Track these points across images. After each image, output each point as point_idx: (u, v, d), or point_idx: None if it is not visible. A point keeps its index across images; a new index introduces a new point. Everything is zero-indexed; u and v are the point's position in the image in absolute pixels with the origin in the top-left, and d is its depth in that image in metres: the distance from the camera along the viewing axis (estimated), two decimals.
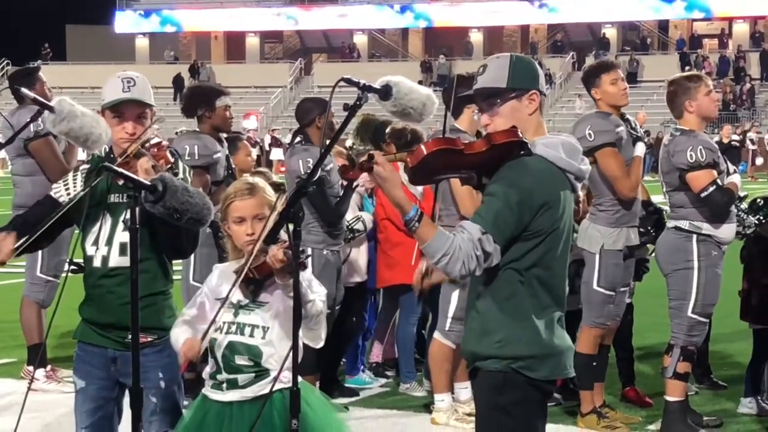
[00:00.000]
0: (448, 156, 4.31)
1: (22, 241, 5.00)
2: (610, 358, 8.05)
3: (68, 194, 5.06)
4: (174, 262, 5.18)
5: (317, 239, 7.83)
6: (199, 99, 8.19)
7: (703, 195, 7.25)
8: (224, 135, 8.38)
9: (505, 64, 4.48)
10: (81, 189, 5.04)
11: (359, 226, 8.49)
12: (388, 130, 8.79)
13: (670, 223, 7.52)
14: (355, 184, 8.02)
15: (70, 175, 5.14)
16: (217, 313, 4.68)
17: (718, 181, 7.29)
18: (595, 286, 7.55)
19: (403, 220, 4.26)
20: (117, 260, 4.98)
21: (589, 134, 7.38)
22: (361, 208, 8.72)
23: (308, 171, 7.59)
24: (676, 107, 7.47)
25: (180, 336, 4.78)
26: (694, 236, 7.35)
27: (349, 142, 10.26)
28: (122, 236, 4.93)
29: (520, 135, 4.35)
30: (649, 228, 7.83)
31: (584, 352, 7.55)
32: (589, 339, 7.62)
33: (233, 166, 8.31)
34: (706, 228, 7.34)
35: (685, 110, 7.42)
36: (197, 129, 8.23)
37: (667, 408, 7.49)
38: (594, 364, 7.63)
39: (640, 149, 7.55)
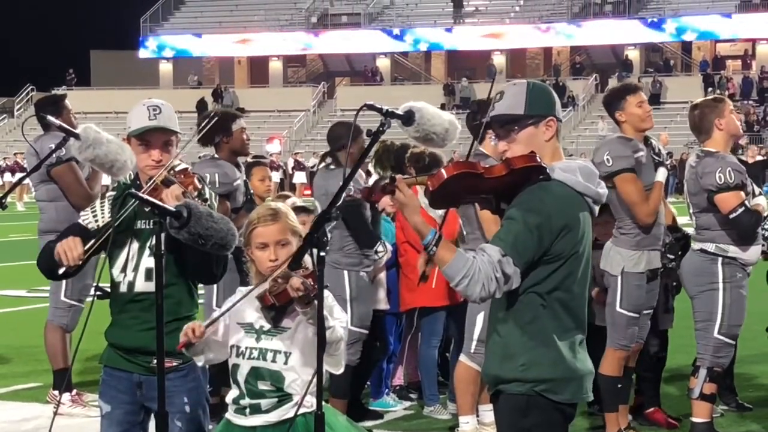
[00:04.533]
0: (468, 180, 4.33)
1: (90, 244, 4.90)
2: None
3: (96, 221, 5.08)
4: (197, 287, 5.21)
5: (353, 261, 7.89)
6: (215, 126, 8.18)
7: (731, 216, 7.25)
8: (243, 160, 8.39)
9: (521, 90, 4.50)
10: (110, 216, 5.06)
11: (380, 248, 8.49)
12: (407, 153, 8.80)
13: (695, 245, 7.51)
14: (381, 208, 8.05)
15: (98, 202, 5.17)
16: (224, 313, 4.68)
17: (746, 202, 7.29)
18: (618, 308, 7.53)
19: (422, 243, 4.28)
20: (143, 285, 5.01)
21: (607, 159, 7.37)
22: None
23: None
24: (704, 128, 7.44)
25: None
26: (720, 259, 7.36)
27: (370, 167, 10.24)
28: (148, 262, 4.96)
29: (539, 160, 4.38)
30: (679, 253, 7.82)
31: (609, 374, 7.55)
32: (614, 361, 7.60)
33: (252, 191, 8.35)
34: (733, 250, 7.34)
35: (715, 128, 7.40)
36: (216, 156, 8.26)
37: (693, 429, 7.47)
38: (619, 386, 7.62)
39: (661, 175, 7.51)
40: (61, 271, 4.85)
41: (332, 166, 8.14)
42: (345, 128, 8.23)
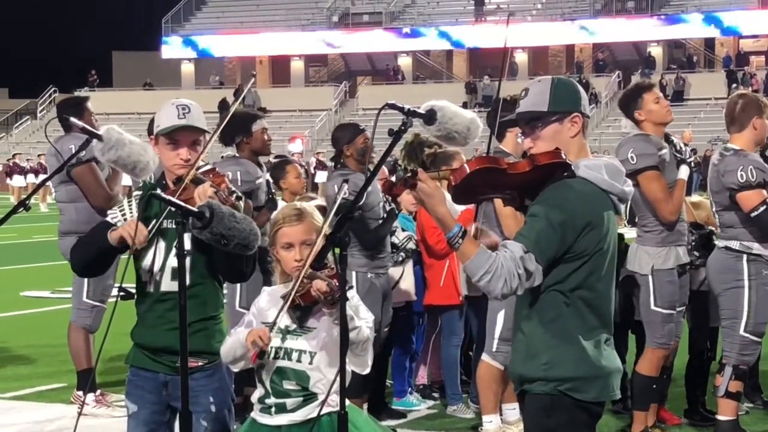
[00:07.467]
0: (491, 175, 4.31)
1: (152, 225, 4.96)
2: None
3: (124, 219, 5.09)
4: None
5: (360, 263, 7.83)
6: (236, 126, 8.21)
7: (753, 215, 7.22)
8: (267, 159, 8.40)
9: (546, 87, 4.49)
10: (137, 215, 5.07)
11: (411, 245, 8.48)
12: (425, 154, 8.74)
13: (720, 243, 7.48)
14: (403, 206, 7.99)
15: (125, 201, 5.18)
16: (279, 314, 4.65)
17: None
18: (653, 307, 7.49)
19: (446, 237, 4.26)
20: (169, 285, 5.01)
21: (632, 157, 7.33)
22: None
23: (345, 195, 7.72)
24: (741, 120, 7.38)
25: (240, 334, 4.73)
26: (745, 256, 7.33)
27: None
28: (174, 261, 4.95)
29: (563, 156, 4.36)
30: (704, 252, 7.79)
31: (645, 374, 7.52)
32: (653, 360, 7.56)
33: (273, 191, 8.36)
34: (757, 248, 7.31)
35: (752, 125, 7.36)
36: (237, 155, 8.28)
37: (718, 427, 7.45)
38: (654, 386, 7.58)
39: (683, 172, 7.47)
40: (125, 254, 4.96)
41: (340, 168, 8.17)
42: (342, 131, 8.24)
